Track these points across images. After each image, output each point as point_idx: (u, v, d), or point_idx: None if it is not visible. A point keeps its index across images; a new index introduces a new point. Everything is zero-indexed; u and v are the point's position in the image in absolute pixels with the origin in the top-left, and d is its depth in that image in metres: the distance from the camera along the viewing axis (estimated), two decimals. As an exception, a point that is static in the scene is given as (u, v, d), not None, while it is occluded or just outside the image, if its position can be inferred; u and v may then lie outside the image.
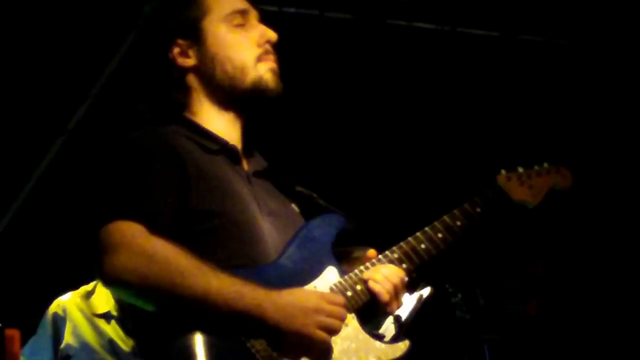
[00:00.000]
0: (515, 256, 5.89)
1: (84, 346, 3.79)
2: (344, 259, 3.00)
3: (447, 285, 4.67)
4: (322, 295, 2.69)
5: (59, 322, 3.86)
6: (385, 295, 2.82)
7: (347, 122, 6.21)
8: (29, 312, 5.35)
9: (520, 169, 3.22)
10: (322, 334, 2.64)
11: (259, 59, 2.89)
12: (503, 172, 3.21)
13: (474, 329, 4.76)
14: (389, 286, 2.82)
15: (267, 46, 2.90)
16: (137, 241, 2.57)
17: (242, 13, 2.89)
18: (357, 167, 6.30)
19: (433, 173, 6.45)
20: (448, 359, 5.29)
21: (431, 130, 6.53)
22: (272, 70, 2.90)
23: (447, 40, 6.39)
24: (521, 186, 3.20)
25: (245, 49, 2.88)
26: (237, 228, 2.73)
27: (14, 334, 4.06)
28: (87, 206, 2.73)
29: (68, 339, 3.82)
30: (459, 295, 4.74)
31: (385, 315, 2.91)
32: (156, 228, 2.61)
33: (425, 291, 3.34)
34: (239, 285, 2.59)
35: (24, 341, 4.12)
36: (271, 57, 2.92)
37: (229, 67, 2.87)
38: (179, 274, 2.55)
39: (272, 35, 2.91)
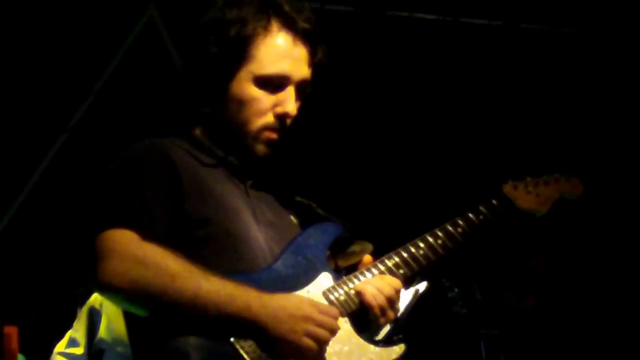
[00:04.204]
0: (514, 251, 5.85)
1: (117, 341, 3.78)
2: (340, 254, 2.97)
3: (444, 280, 4.65)
4: (314, 304, 2.68)
5: (94, 316, 3.88)
6: (376, 310, 2.79)
7: (349, 118, 6.16)
8: (27, 309, 5.42)
9: (528, 179, 3.17)
10: (309, 342, 2.64)
11: (264, 128, 2.86)
12: (510, 181, 3.15)
13: (470, 324, 4.74)
14: (381, 299, 2.79)
15: (279, 119, 2.85)
16: (128, 247, 2.61)
17: (280, 79, 2.84)
18: (358, 167, 6.25)
19: (437, 174, 6.40)
20: (444, 353, 5.27)
21: (435, 124, 6.48)
22: (268, 143, 2.88)
23: (450, 31, 6.35)
24: (528, 195, 3.15)
25: (258, 113, 2.84)
26: (232, 236, 2.75)
27: (12, 331, 4.15)
28: (84, 215, 2.76)
29: (102, 333, 3.84)
30: (456, 290, 4.72)
31: (379, 325, 2.86)
32: (149, 234, 2.64)
33: (422, 286, 3.27)
34: (230, 288, 2.61)
35: (23, 338, 4.18)
36: (275, 132, 2.86)
37: (236, 119, 2.85)
38: (169, 278, 2.58)
39: (292, 110, 2.85)
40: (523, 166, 3.31)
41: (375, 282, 2.82)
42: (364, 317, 2.81)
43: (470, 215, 3.04)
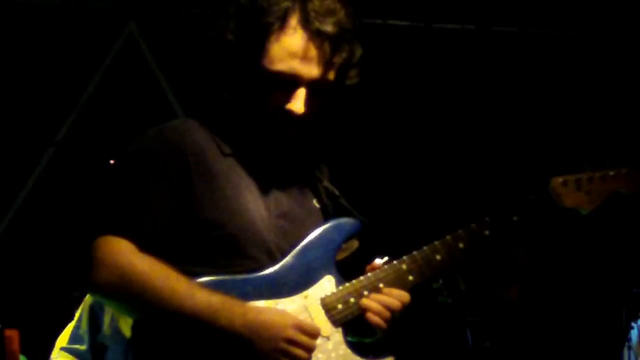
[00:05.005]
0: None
1: (120, 338, 3.80)
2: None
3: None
4: (297, 325, 2.71)
5: (97, 312, 3.91)
6: (383, 326, 2.79)
7: (327, 124, 6.20)
8: (27, 313, 5.50)
9: (584, 174, 2.87)
10: None
11: (269, 122, 2.82)
12: (561, 176, 2.84)
13: (455, 313, 4.82)
14: (387, 315, 2.78)
15: (284, 115, 2.80)
16: (119, 259, 2.67)
17: (288, 76, 2.78)
18: (350, 169, 6.30)
19: (415, 179, 6.51)
20: (433, 340, 5.34)
21: (411, 130, 6.59)
22: (271, 138, 2.85)
23: (423, 37, 6.48)
24: (577, 192, 2.85)
25: (264, 107, 2.82)
26: (237, 238, 2.77)
27: (13, 334, 4.20)
28: (83, 218, 2.83)
29: (106, 330, 3.88)
30: (440, 281, 4.80)
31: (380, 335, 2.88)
32: (146, 244, 2.69)
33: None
34: (215, 304, 2.67)
35: (24, 341, 4.24)
36: (278, 127, 2.82)
37: (247, 109, 2.84)
38: (154, 295, 2.66)
39: (298, 109, 2.79)
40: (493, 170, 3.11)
41: (382, 298, 2.78)
42: (358, 326, 2.81)
43: (502, 214, 2.85)
